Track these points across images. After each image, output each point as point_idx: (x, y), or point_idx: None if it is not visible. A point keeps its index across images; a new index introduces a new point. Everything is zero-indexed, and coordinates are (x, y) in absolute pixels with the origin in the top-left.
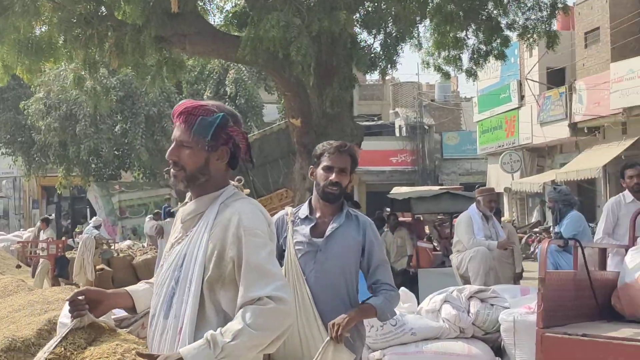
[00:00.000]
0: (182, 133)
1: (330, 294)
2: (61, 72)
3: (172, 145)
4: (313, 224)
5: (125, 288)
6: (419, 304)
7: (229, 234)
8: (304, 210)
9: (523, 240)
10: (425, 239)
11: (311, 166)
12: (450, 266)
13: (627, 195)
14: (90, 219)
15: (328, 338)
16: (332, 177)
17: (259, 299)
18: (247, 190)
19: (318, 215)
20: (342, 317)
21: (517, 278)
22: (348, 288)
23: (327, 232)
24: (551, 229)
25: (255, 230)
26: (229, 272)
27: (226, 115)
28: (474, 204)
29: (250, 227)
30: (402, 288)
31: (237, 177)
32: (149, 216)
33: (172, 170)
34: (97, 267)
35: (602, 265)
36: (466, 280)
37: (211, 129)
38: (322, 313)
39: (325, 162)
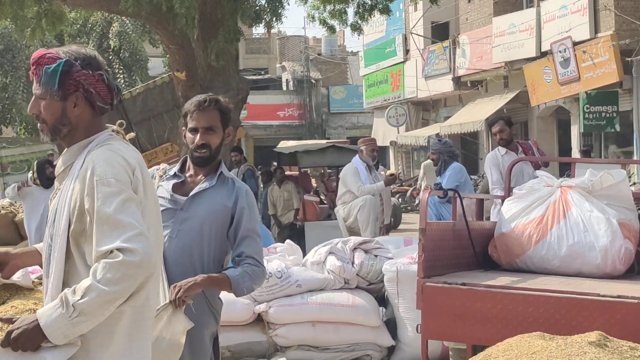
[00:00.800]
0: (35, 85)
1: (182, 257)
2: None
3: (32, 99)
4: (180, 181)
5: (34, 245)
6: (305, 256)
7: (85, 185)
8: (176, 167)
9: (408, 193)
10: (312, 193)
11: (183, 128)
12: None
13: (501, 148)
14: None
15: (167, 302)
16: (197, 139)
17: (110, 252)
18: (132, 135)
19: (189, 174)
20: (187, 280)
21: (386, 230)
22: (205, 255)
23: (193, 192)
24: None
25: (107, 179)
26: (88, 224)
27: (70, 61)
28: (357, 155)
29: (103, 176)
30: (287, 241)
31: (119, 122)
32: (30, 173)
33: (38, 124)
34: None
35: (480, 215)
36: (353, 232)
37: (56, 77)
38: (170, 276)
39: (189, 123)
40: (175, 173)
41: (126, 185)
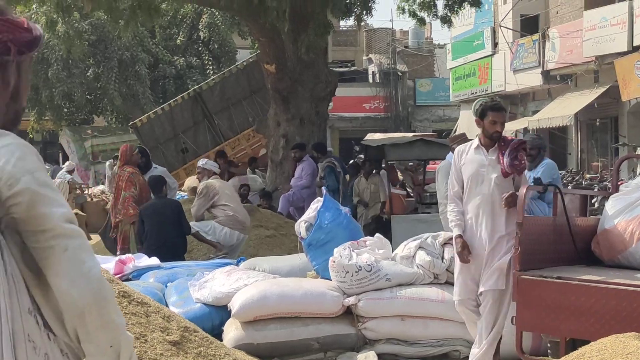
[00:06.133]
0: None
1: None
2: (32, 15)
3: None
4: None
5: None
6: (392, 250)
7: None
8: None
9: None
10: (398, 186)
11: None
12: (425, 212)
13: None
14: (63, 163)
15: None
16: None
17: None
18: None
19: None
20: None
21: None
22: None
23: None
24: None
25: None
26: None
27: None
28: (450, 152)
29: None
30: (377, 234)
31: None
32: (109, 161)
33: None
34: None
35: (584, 211)
36: None
37: None
38: None
39: None
40: None
41: None
